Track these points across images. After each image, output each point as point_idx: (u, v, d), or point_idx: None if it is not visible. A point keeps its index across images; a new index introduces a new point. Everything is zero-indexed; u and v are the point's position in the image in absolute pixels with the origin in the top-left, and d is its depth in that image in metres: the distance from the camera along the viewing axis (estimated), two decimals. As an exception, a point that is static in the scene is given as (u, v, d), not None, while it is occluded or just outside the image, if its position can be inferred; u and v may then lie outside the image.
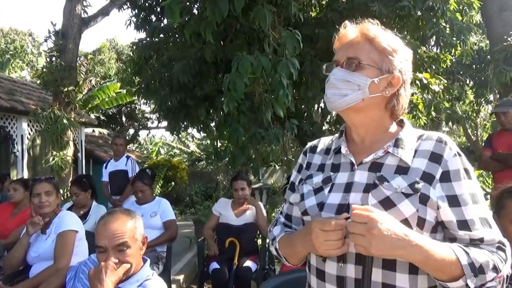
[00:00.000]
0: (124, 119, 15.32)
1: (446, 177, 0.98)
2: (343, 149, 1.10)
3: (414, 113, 6.35)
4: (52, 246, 2.52)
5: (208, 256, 3.75)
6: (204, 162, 13.74)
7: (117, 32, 64.71)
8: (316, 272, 1.07)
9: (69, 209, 3.58)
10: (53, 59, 6.77)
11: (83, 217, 3.53)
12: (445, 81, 6.72)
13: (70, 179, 6.54)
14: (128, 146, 14.16)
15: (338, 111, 1.07)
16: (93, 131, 11.90)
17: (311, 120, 6.45)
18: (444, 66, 6.29)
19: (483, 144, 4.31)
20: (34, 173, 7.37)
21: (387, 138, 1.06)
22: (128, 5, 6.49)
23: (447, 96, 7.08)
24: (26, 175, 6.88)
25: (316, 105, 6.69)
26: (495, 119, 4.11)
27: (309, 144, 1.26)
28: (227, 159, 5.79)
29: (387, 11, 4.47)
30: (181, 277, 4.66)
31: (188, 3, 4.91)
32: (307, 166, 1.19)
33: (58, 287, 2.29)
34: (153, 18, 6.22)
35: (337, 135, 1.19)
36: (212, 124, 6.96)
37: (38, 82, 7.75)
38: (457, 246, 0.92)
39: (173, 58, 5.60)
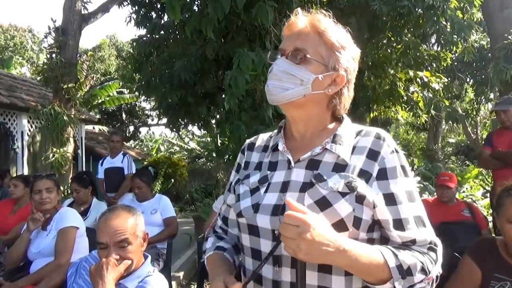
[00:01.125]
0: (124, 116, 15.32)
1: (383, 174, 0.96)
2: (280, 146, 1.06)
3: (415, 111, 6.38)
4: (52, 242, 2.53)
5: (208, 253, 3.76)
6: (204, 159, 13.75)
7: (117, 28, 64.61)
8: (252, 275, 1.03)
9: (70, 205, 3.59)
10: (53, 55, 6.76)
11: (84, 214, 3.54)
12: (446, 79, 6.73)
13: (70, 176, 6.55)
14: (128, 143, 14.19)
15: (279, 104, 1.03)
16: (93, 128, 11.90)
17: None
18: (445, 64, 6.29)
19: (483, 142, 4.31)
20: (34, 169, 7.37)
21: (326, 135, 1.03)
22: (128, 1, 6.47)
23: (447, 94, 7.09)
24: (26, 171, 6.88)
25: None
26: (495, 117, 4.11)
27: (247, 141, 1.21)
28: (228, 156, 5.79)
29: (387, 9, 4.46)
30: (180, 274, 4.67)
31: (188, 0, 4.91)
32: (245, 166, 1.15)
33: (59, 283, 2.31)
34: (153, 14, 6.21)
35: (276, 131, 1.14)
36: (213, 121, 6.97)
37: (38, 78, 7.73)
38: (386, 249, 0.90)
39: (173, 55, 5.60)
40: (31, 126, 7.21)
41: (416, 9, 4.55)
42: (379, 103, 6.69)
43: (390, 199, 0.94)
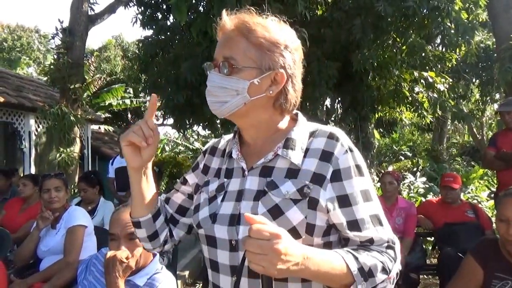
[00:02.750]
0: (130, 116, 15.40)
1: (337, 176, 0.92)
2: (234, 153, 1.03)
3: (420, 111, 6.38)
4: (62, 241, 2.59)
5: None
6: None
7: (123, 29, 64.91)
8: (212, 287, 1.03)
9: (77, 204, 3.64)
10: (61, 56, 6.83)
11: (91, 213, 3.58)
12: (451, 80, 6.72)
13: (77, 175, 6.63)
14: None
15: (224, 117, 0.99)
16: (99, 128, 11.99)
17: (317, 118, 6.48)
18: (450, 65, 6.28)
19: (488, 143, 4.32)
20: (41, 169, 7.45)
21: (278, 138, 0.99)
22: (134, 2, 6.53)
23: (453, 95, 7.08)
24: (33, 171, 6.97)
25: (321, 104, 6.71)
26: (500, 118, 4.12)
27: (211, 143, 1.16)
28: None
29: (392, 10, 4.48)
30: (186, 273, 4.71)
31: (194, 1, 4.95)
32: (204, 170, 1.11)
33: (69, 280, 2.36)
34: (159, 15, 6.26)
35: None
36: (218, 122, 7.00)
37: (46, 79, 7.82)
38: (347, 253, 0.87)
39: (179, 56, 5.64)
40: (38, 126, 7.30)
41: (421, 10, 4.56)
42: (383, 104, 6.70)
43: (345, 201, 0.92)
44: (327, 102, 7.45)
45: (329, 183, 0.92)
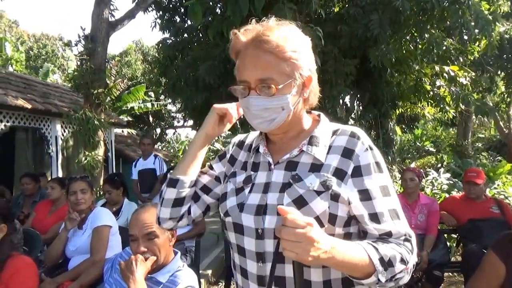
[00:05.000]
0: (151, 118, 15.67)
1: (357, 172, 0.99)
2: (261, 149, 1.11)
3: (441, 106, 6.25)
4: (88, 240, 2.68)
5: (235, 251, 3.84)
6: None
7: (142, 33, 65.94)
8: (240, 270, 1.09)
9: (103, 206, 3.74)
10: (83, 62, 7.03)
11: (116, 214, 3.68)
12: (473, 73, 6.55)
13: (102, 177, 6.80)
14: (155, 145, 14.49)
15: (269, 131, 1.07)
16: (122, 131, 12.25)
17: (336, 116, 6.44)
18: (472, 58, 6.13)
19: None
20: (68, 172, 7.68)
21: (303, 136, 1.07)
22: (153, 7, 6.66)
23: (477, 88, 6.91)
24: (60, 174, 7.19)
25: (340, 101, 6.67)
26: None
27: (238, 137, 1.24)
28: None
29: (410, 4, 4.41)
30: (209, 272, 4.78)
31: (211, 3, 5.01)
32: (231, 160, 1.19)
33: (96, 278, 2.44)
34: (177, 19, 6.37)
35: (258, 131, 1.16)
36: (237, 122, 7.06)
37: (70, 85, 8.05)
38: (367, 244, 0.94)
39: (197, 58, 5.72)
40: (64, 131, 7.52)
41: (440, 4, 4.48)
42: (404, 100, 6.60)
43: (365, 195, 0.98)
44: (347, 99, 7.40)
45: (350, 178, 0.99)
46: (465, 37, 4.84)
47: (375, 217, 0.98)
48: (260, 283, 1.02)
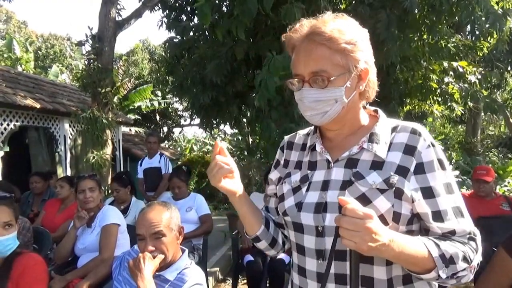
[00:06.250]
0: (158, 117, 15.74)
1: (420, 169, 0.97)
2: (318, 147, 1.09)
3: (449, 103, 6.19)
4: (97, 238, 2.70)
5: (243, 249, 3.85)
6: (236, 158, 13.91)
7: (149, 32, 66.15)
8: (298, 269, 1.09)
9: (111, 204, 3.77)
10: (91, 62, 7.07)
11: (124, 212, 3.71)
12: (482, 69, 6.47)
13: (110, 176, 6.85)
14: (162, 144, 14.57)
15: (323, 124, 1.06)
16: (130, 130, 12.32)
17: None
18: (481, 54, 6.06)
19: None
20: (77, 171, 7.74)
21: (361, 133, 1.05)
22: (159, 6, 6.67)
23: (486, 85, 6.82)
24: (69, 173, 7.25)
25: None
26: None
27: (286, 139, 1.24)
28: (260, 154, 5.86)
29: (418, 2, 4.36)
30: (216, 269, 4.80)
31: (218, 2, 5.00)
32: (285, 163, 1.19)
33: (105, 275, 2.46)
34: (184, 17, 6.37)
35: (312, 128, 1.16)
36: (244, 120, 7.05)
37: (78, 84, 8.10)
38: (428, 240, 0.93)
39: (204, 57, 5.72)
40: (73, 130, 7.58)
41: (449, 2, 4.41)
42: (412, 97, 6.54)
43: (429, 193, 0.97)
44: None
45: (413, 175, 0.97)
46: (477, 32, 4.73)
47: (438, 215, 0.96)
48: (319, 280, 1.02)
